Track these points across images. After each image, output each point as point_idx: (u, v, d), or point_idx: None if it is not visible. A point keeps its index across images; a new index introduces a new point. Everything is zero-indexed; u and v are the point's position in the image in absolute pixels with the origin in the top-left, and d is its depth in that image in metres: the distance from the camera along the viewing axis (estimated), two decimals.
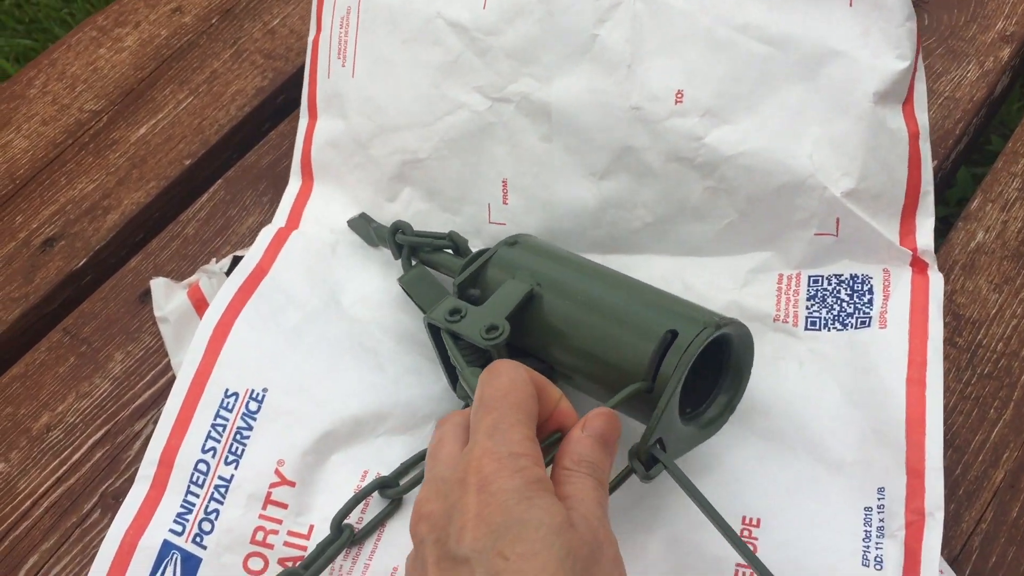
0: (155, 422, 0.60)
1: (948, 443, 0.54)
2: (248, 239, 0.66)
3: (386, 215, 0.63)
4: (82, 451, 0.59)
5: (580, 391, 0.52)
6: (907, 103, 0.57)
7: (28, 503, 0.58)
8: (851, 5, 0.56)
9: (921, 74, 0.58)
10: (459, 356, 0.49)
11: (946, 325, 0.58)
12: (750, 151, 0.56)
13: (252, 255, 0.61)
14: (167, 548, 0.51)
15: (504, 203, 0.61)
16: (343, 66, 0.65)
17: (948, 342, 0.57)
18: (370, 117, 0.63)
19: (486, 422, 0.39)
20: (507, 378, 0.41)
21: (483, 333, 0.49)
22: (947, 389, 0.55)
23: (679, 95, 0.57)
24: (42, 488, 0.58)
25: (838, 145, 0.55)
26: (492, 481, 0.37)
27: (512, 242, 0.56)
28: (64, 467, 0.59)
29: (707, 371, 0.50)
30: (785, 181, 0.56)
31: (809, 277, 0.57)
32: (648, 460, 0.45)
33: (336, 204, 0.65)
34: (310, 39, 0.68)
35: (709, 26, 0.56)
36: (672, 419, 0.46)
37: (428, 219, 0.63)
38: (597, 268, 0.54)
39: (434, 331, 0.52)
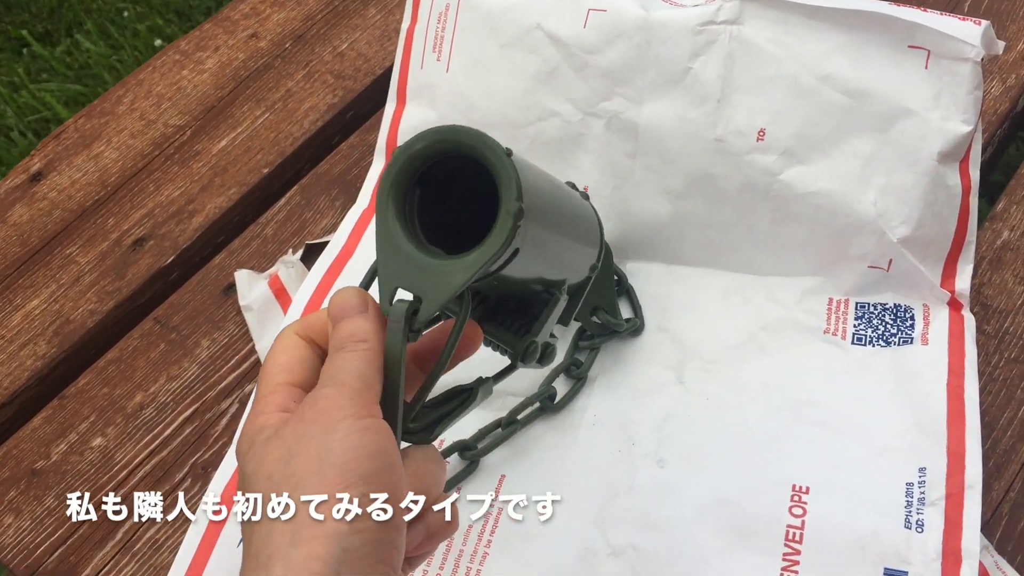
0: (240, 401, 0.65)
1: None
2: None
3: None
4: (173, 427, 0.64)
5: None
6: (964, 161, 0.61)
7: (124, 473, 0.63)
8: (927, 68, 0.59)
9: (978, 135, 0.62)
10: None
11: (975, 314, 0.62)
12: (820, 191, 0.61)
13: (338, 238, 0.66)
14: None
15: None
16: (438, 60, 0.69)
17: (977, 330, 0.61)
18: (462, 112, 0.67)
19: None
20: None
21: None
22: (978, 372, 0.59)
23: (761, 133, 0.61)
24: (136, 460, 0.63)
25: (901, 196, 0.60)
26: None
27: None
28: (156, 441, 0.64)
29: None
30: (849, 222, 0.61)
31: (856, 304, 0.62)
32: None
33: None
34: (404, 27, 0.73)
35: (795, 73, 0.61)
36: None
37: None
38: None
39: None
